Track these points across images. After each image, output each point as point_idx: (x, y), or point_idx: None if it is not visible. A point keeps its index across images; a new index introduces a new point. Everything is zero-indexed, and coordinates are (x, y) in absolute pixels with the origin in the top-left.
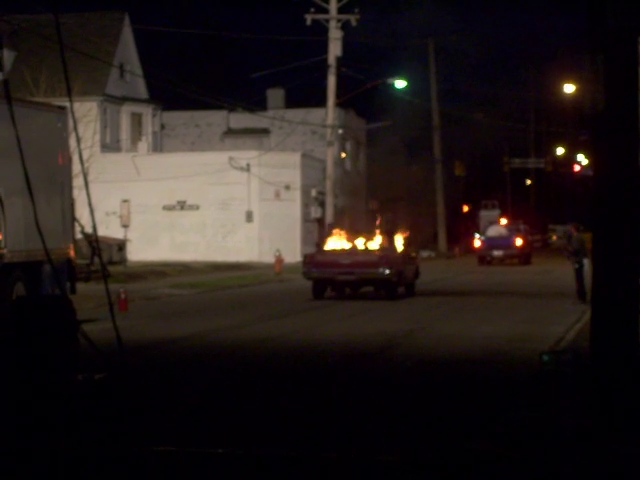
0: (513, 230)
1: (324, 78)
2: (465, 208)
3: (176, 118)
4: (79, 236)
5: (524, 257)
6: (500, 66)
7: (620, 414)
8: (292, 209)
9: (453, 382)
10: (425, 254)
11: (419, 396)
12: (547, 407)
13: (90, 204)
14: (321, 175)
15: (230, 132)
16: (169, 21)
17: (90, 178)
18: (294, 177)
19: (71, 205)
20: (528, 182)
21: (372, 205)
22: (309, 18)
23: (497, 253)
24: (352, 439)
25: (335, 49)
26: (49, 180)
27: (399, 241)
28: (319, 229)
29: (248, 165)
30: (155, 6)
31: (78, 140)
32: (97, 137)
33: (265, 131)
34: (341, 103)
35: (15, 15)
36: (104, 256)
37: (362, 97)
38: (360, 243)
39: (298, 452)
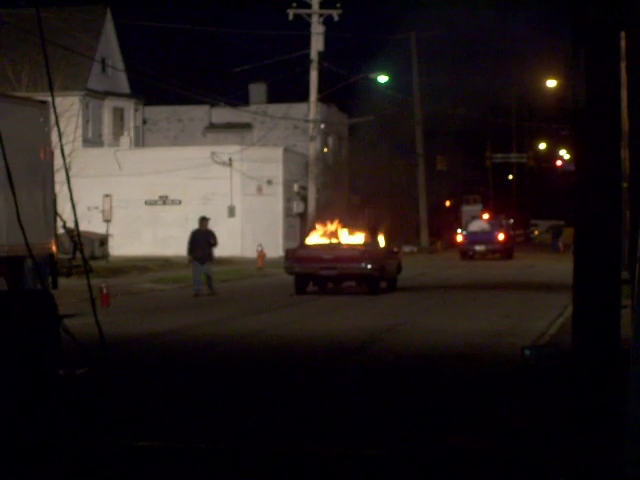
0: (495, 225)
1: (306, 73)
2: (447, 203)
3: (158, 113)
4: (61, 231)
5: (506, 252)
6: (482, 60)
7: (602, 408)
8: (274, 204)
9: (435, 377)
10: (407, 249)
11: (401, 391)
12: (529, 401)
13: (72, 199)
14: (303, 170)
15: (212, 127)
16: (151, 16)
17: (72, 173)
18: (276, 172)
19: (53, 200)
20: (510, 177)
21: (354, 200)
22: (291, 13)
23: (479, 248)
24: (335, 434)
25: (317, 44)
26: (31, 175)
27: (381, 236)
28: (301, 224)
29: (230, 160)
30: (137, 1)
31: (60, 135)
32: (79, 132)
33: (247, 126)
34: (323, 98)
35: None
36: (86, 251)
37: (344, 92)
38: (342, 238)
39: (280, 447)
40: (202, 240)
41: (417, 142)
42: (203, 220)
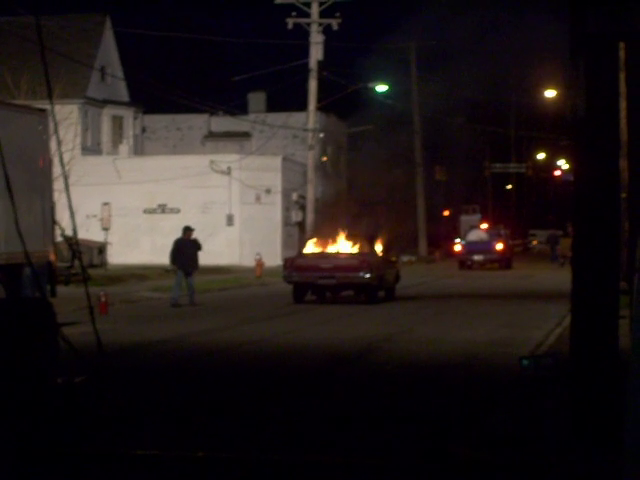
0: (494, 235)
1: (305, 82)
2: (446, 212)
3: (157, 121)
4: (59, 239)
5: (505, 262)
6: (481, 70)
7: (599, 418)
8: (273, 213)
9: (433, 386)
10: (405, 258)
11: (399, 400)
12: (527, 411)
13: (70, 207)
14: (302, 179)
15: (211, 135)
16: (151, 24)
17: (71, 181)
18: (275, 181)
19: (51, 208)
20: (509, 187)
21: (353, 209)
22: (290, 22)
23: (478, 257)
24: (333, 443)
25: (316, 53)
26: (30, 183)
27: (379, 245)
28: (300, 233)
29: (229, 168)
30: (137, 9)
31: (59, 143)
32: (78, 140)
33: (246, 135)
34: (322, 107)
35: None
36: (84, 259)
37: (343, 101)
38: (340, 247)
39: (279, 456)
40: (188, 250)
41: (416, 151)
42: (187, 230)
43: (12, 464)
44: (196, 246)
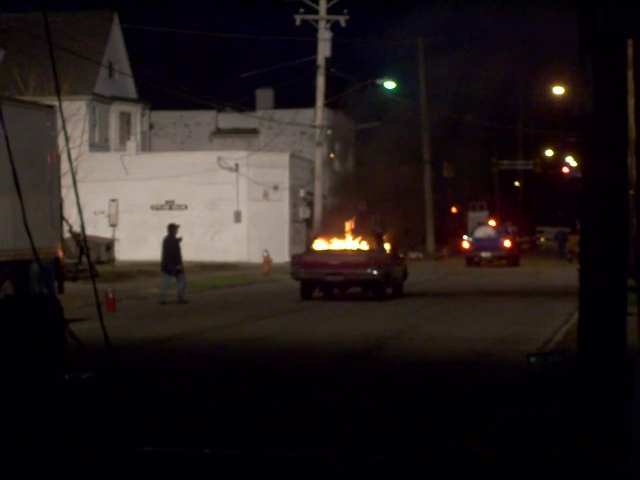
0: (501, 231)
1: (313, 78)
2: (453, 209)
3: (165, 118)
4: (67, 235)
5: (512, 258)
6: (489, 67)
7: (607, 415)
8: (280, 209)
9: (442, 383)
10: (413, 255)
11: (408, 397)
12: (535, 409)
13: (78, 203)
14: (310, 175)
15: (219, 132)
16: (159, 21)
17: (78, 177)
18: (283, 177)
19: (59, 204)
20: (517, 184)
21: (360, 206)
22: (298, 18)
23: (485, 254)
24: (341, 440)
25: (324, 49)
26: (37, 179)
27: (387, 242)
28: (307, 229)
29: (237, 165)
30: (145, 6)
31: (67, 139)
32: (86, 136)
33: (254, 131)
34: (330, 104)
35: (4, 14)
36: (92, 255)
37: (351, 98)
38: (348, 244)
39: (287, 453)
40: (178, 248)
41: (424, 148)
42: (173, 227)
43: (12, 463)
44: (179, 242)
